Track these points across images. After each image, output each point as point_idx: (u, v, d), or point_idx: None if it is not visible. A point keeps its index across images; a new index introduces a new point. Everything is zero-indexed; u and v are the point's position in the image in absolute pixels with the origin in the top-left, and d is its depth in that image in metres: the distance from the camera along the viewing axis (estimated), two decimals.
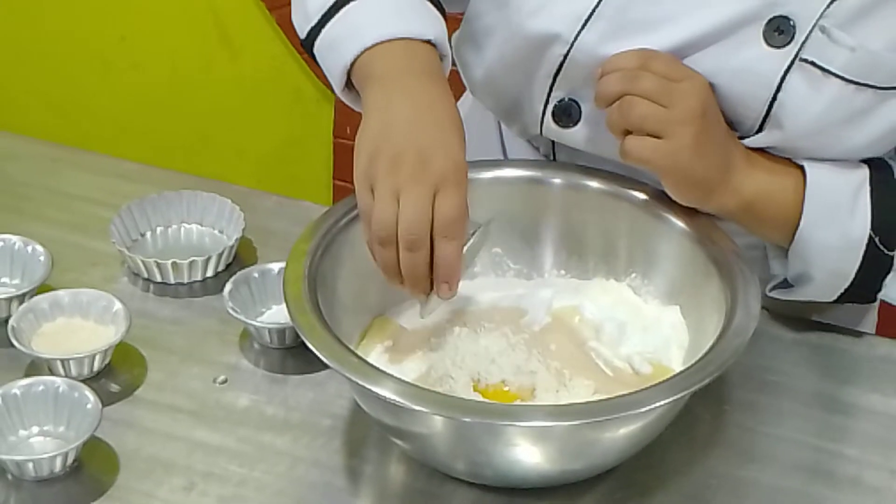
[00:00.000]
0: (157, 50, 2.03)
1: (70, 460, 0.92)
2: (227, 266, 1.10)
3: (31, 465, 0.91)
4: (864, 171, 0.98)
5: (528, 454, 0.87)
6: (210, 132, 2.07)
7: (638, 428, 0.88)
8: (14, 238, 1.08)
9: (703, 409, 0.97)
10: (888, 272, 0.99)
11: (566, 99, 1.01)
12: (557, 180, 1.03)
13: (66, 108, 2.12)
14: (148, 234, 1.13)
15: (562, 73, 1.00)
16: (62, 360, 0.98)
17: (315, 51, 1.00)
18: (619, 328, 0.98)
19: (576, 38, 0.98)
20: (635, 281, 1.01)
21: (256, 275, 1.05)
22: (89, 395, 0.94)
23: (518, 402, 0.91)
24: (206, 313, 1.03)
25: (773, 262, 1.04)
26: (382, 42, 0.94)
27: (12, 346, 0.99)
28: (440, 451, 0.89)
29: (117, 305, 1.01)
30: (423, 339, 0.97)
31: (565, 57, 0.99)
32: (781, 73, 0.95)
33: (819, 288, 1.01)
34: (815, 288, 1.01)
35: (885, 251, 0.98)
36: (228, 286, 1.03)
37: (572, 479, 0.91)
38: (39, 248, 1.07)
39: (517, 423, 0.84)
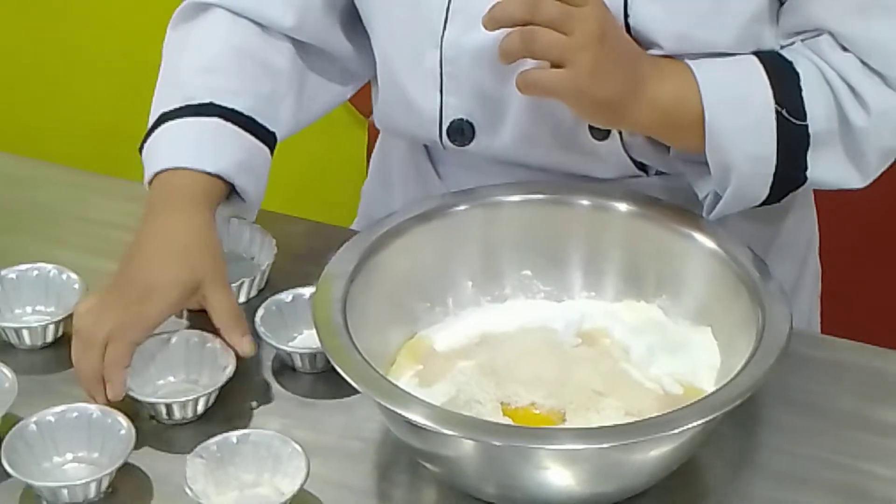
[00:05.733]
0: None
1: (104, 486, 0.93)
2: (259, 292, 1.11)
3: (65, 491, 0.92)
4: (749, 55, 1.01)
5: (558, 477, 0.87)
6: None
7: (669, 450, 0.88)
8: (49, 266, 1.09)
9: (734, 431, 0.97)
10: (808, 146, 1.00)
11: (458, 120, 1.05)
12: (585, 202, 1.03)
13: (96, 134, 2.14)
14: None
15: (444, 83, 1.03)
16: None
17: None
18: (649, 349, 0.97)
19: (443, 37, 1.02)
20: (665, 302, 1.01)
21: (288, 300, 1.06)
22: (122, 420, 0.94)
23: (548, 426, 0.91)
24: None
25: (695, 183, 1.05)
26: (167, 170, 1.03)
27: (46, 373, 1.00)
28: (470, 474, 0.89)
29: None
30: (453, 361, 0.97)
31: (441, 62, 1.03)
32: None
33: (747, 181, 1.01)
34: (743, 183, 1.01)
35: (797, 122, 0.99)
36: (260, 311, 1.04)
37: (603, 502, 0.91)
38: (73, 275, 1.08)
39: (547, 447, 0.84)
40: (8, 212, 1.21)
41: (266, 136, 1.08)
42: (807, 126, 0.99)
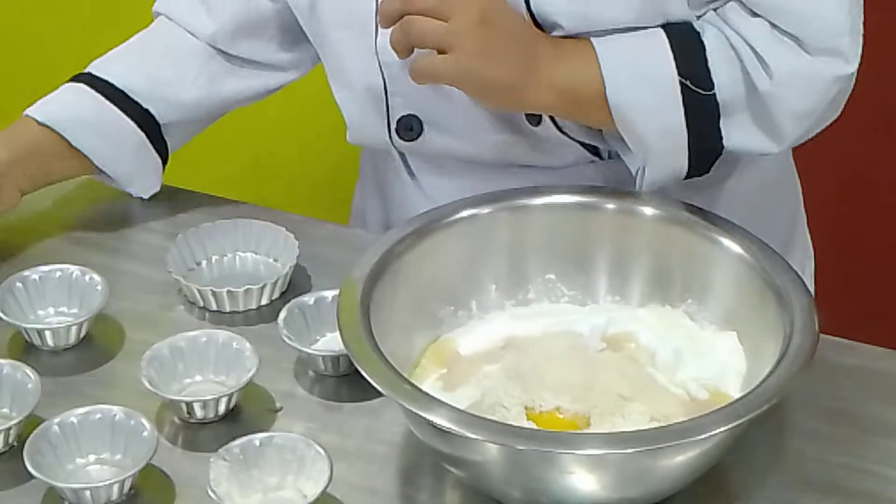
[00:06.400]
0: None
1: (127, 488, 0.93)
2: (282, 294, 1.11)
3: (88, 492, 0.91)
4: (657, 29, 1.01)
5: (583, 482, 0.87)
6: (263, 161, 2.08)
7: (695, 455, 0.87)
8: (72, 267, 1.09)
9: (761, 437, 0.96)
10: (719, 115, 1.00)
11: (405, 116, 1.08)
12: (611, 206, 1.02)
13: None
14: (204, 263, 1.14)
15: (387, 84, 1.07)
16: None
17: None
18: (675, 354, 0.97)
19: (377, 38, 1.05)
20: (691, 307, 1.00)
21: (311, 302, 1.05)
22: (145, 422, 0.94)
23: (573, 430, 0.91)
24: (261, 341, 1.03)
25: (626, 158, 1.05)
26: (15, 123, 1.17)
27: (69, 375, 1.00)
28: (495, 478, 0.89)
29: None
30: (477, 365, 0.97)
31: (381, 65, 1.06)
32: None
33: (663, 154, 1.02)
34: (660, 156, 1.02)
35: (703, 92, 0.99)
36: (283, 314, 1.04)
37: None
38: (97, 277, 1.08)
39: (573, 452, 0.84)
40: (36, 213, 1.21)
41: (137, 112, 1.17)
42: (714, 95, 0.99)
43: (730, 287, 0.98)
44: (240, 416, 1.00)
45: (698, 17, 1.02)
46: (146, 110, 1.17)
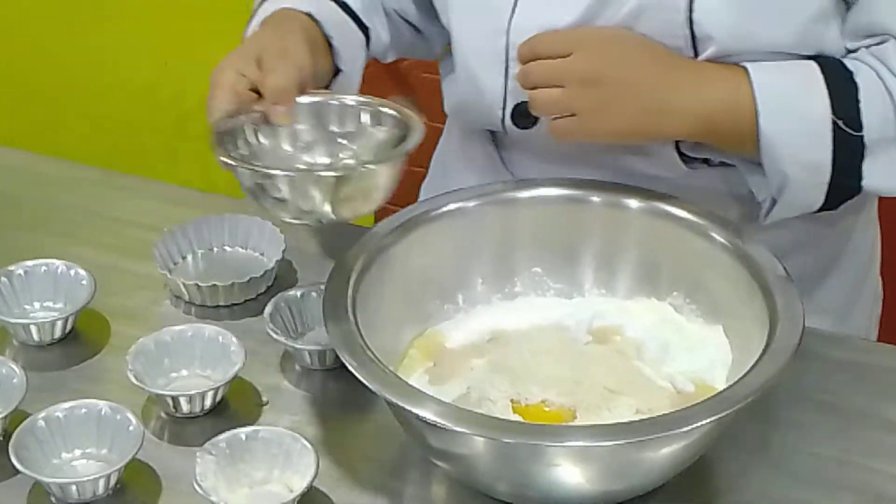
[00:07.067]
0: (199, 77, 2.04)
1: (113, 482, 0.92)
2: (268, 288, 1.10)
3: (74, 487, 0.91)
4: (810, 62, 1.01)
5: (570, 475, 0.87)
6: None
7: (681, 447, 0.87)
8: (57, 262, 1.08)
9: (750, 429, 0.96)
10: (863, 156, 1.01)
11: (523, 103, 1.06)
12: (597, 199, 1.02)
13: (110, 133, 2.15)
14: (189, 257, 1.14)
15: (510, 67, 1.06)
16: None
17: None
18: (662, 347, 0.97)
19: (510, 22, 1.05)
20: (677, 300, 1.00)
21: (297, 296, 1.05)
22: (131, 417, 0.94)
23: (559, 423, 0.91)
24: (247, 335, 1.03)
25: (752, 181, 1.06)
26: (276, 11, 1.10)
27: (55, 370, 1.00)
28: (481, 472, 0.89)
29: None
30: (464, 358, 0.97)
31: (507, 45, 1.06)
32: None
33: (801, 189, 1.02)
34: (797, 190, 1.02)
35: (853, 133, 1.00)
36: (269, 308, 1.04)
37: (616, 499, 0.90)
38: (82, 271, 1.08)
39: (559, 444, 0.84)
40: (26, 208, 1.21)
41: (364, 30, 1.13)
42: (862, 137, 1.00)
43: (716, 280, 0.98)
44: (226, 411, 0.99)
45: (849, 52, 1.03)
46: (367, 29, 1.13)
